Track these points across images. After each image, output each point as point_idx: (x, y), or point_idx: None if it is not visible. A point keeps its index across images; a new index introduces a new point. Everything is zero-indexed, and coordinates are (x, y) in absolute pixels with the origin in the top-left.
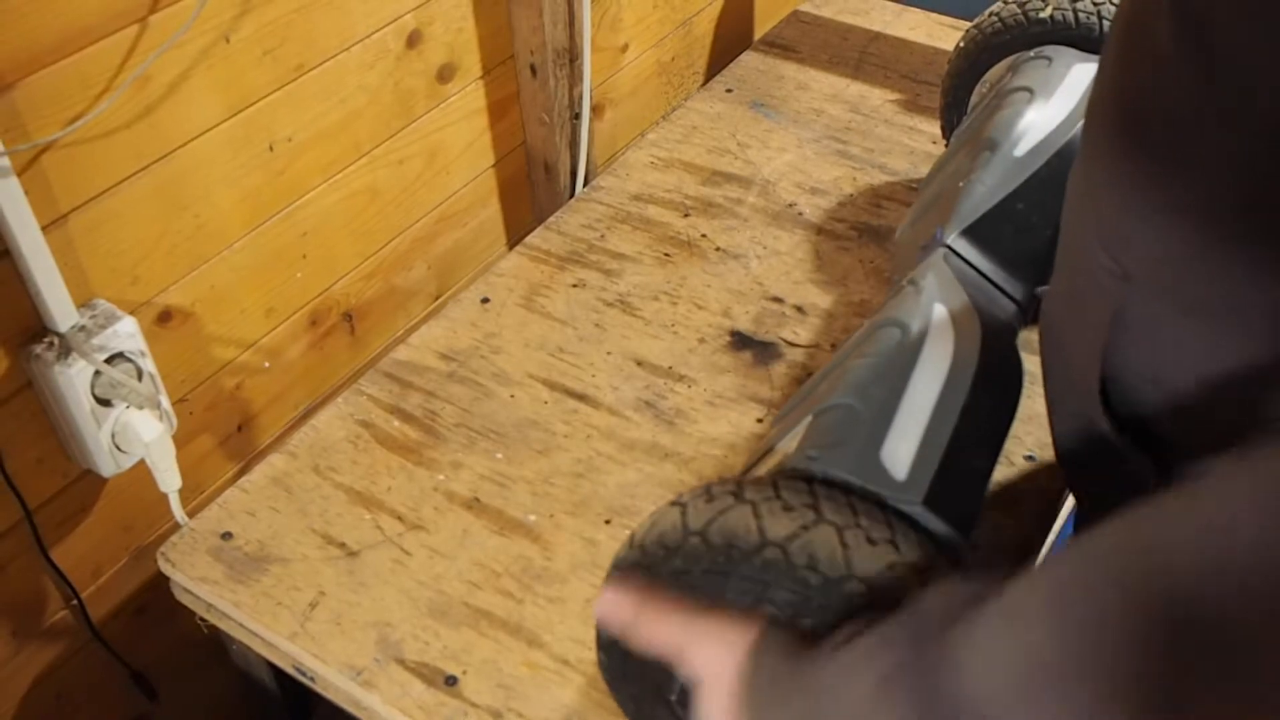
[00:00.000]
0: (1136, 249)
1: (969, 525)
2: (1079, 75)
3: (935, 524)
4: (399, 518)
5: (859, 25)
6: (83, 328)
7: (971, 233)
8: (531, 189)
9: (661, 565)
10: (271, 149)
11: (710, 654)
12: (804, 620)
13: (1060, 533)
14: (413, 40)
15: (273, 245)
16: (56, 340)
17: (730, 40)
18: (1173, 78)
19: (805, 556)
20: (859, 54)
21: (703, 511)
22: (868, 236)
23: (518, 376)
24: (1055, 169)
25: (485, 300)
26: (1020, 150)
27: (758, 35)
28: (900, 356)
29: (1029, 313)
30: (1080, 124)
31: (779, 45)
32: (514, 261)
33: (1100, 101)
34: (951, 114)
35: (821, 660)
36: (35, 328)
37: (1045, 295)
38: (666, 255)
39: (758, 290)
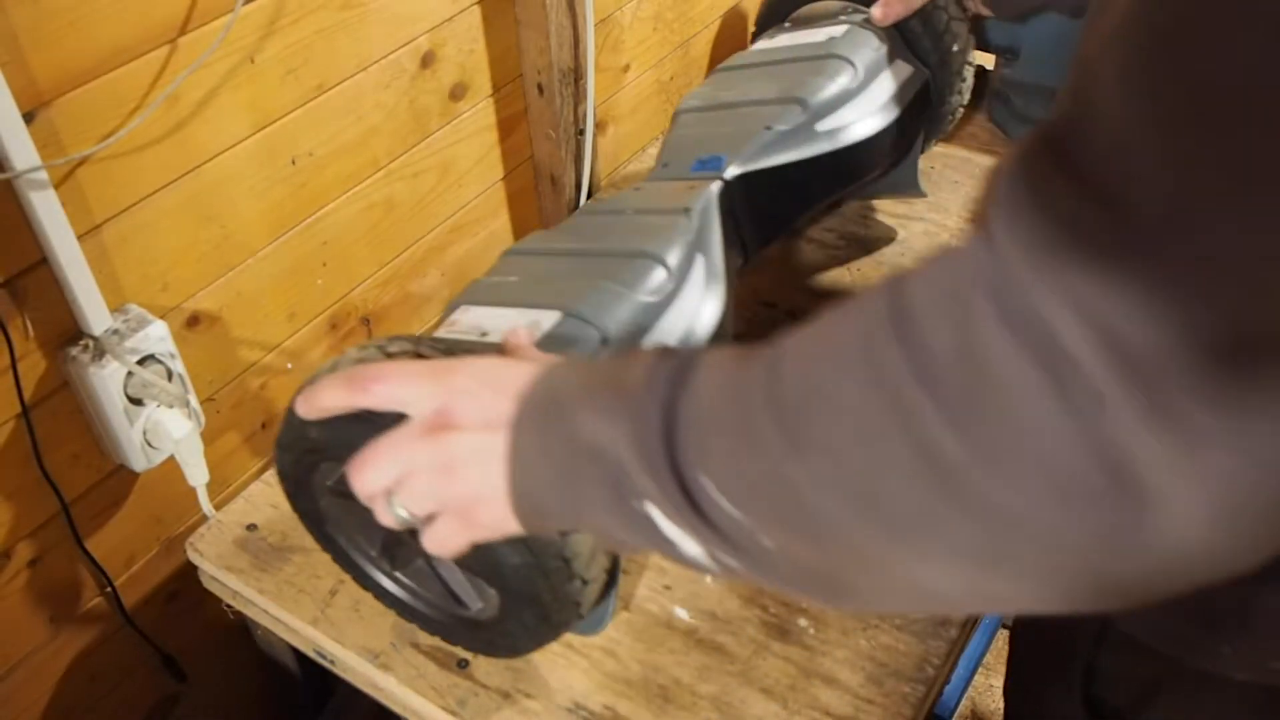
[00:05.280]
0: None
1: None
2: (894, 76)
3: None
4: None
5: None
6: (116, 331)
7: (747, 177)
8: (539, 200)
9: None
10: (294, 163)
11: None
12: None
13: None
14: (427, 61)
15: (295, 254)
16: (92, 343)
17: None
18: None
19: None
20: None
21: (350, 357)
22: (855, 245)
23: None
24: (839, 159)
25: None
26: (823, 126)
27: None
28: (656, 300)
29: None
30: (879, 128)
31: None
32: None
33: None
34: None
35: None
36: (72, 331)
37: None
38: None
39: (751, 296)
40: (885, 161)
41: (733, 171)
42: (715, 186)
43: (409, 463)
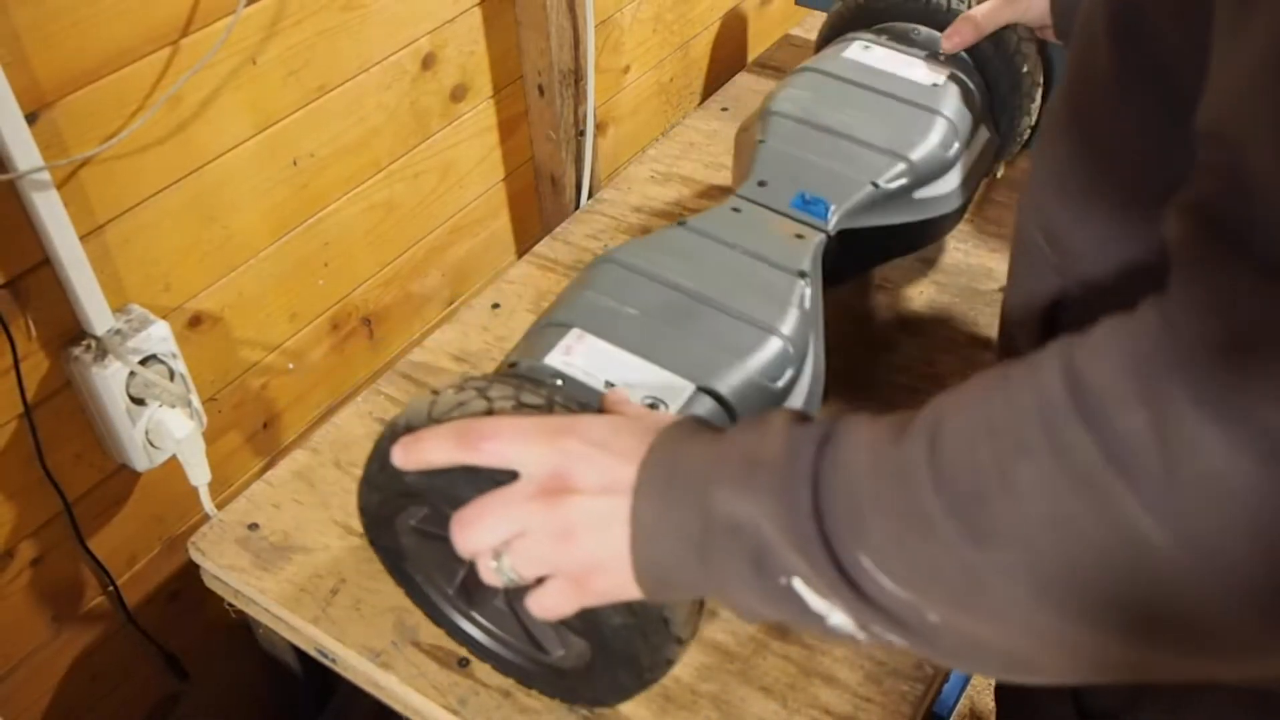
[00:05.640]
0: (1062, 234)
1: None
2: (979, 144)
3: None
4: None
5: None
6: (118, 331)
7: (845, 234)
8: (539, 201)
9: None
10: (295, 164)
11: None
12: None
13: None
14: (428, 62)
15: (297, 254)
16: (94, 343)
17: (725, 63)
18: (1103, 56)
19: None
20: None
21: (449, 401)
22: None
23: None
24: (922, 228)
25: (496, 306)
26: (921, 194)
27: (751, 58)
28: (783, 387)
29: None
30: (963, 203)
31: (771, 67)
32: (523, 269)
33: (1053, 99)
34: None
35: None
36: (74, 331)
37: (1005, 291)
38: None
39: None
40: (953, 226)
41: (835, 225)
42: (821, 241)
43: (522, 524)
